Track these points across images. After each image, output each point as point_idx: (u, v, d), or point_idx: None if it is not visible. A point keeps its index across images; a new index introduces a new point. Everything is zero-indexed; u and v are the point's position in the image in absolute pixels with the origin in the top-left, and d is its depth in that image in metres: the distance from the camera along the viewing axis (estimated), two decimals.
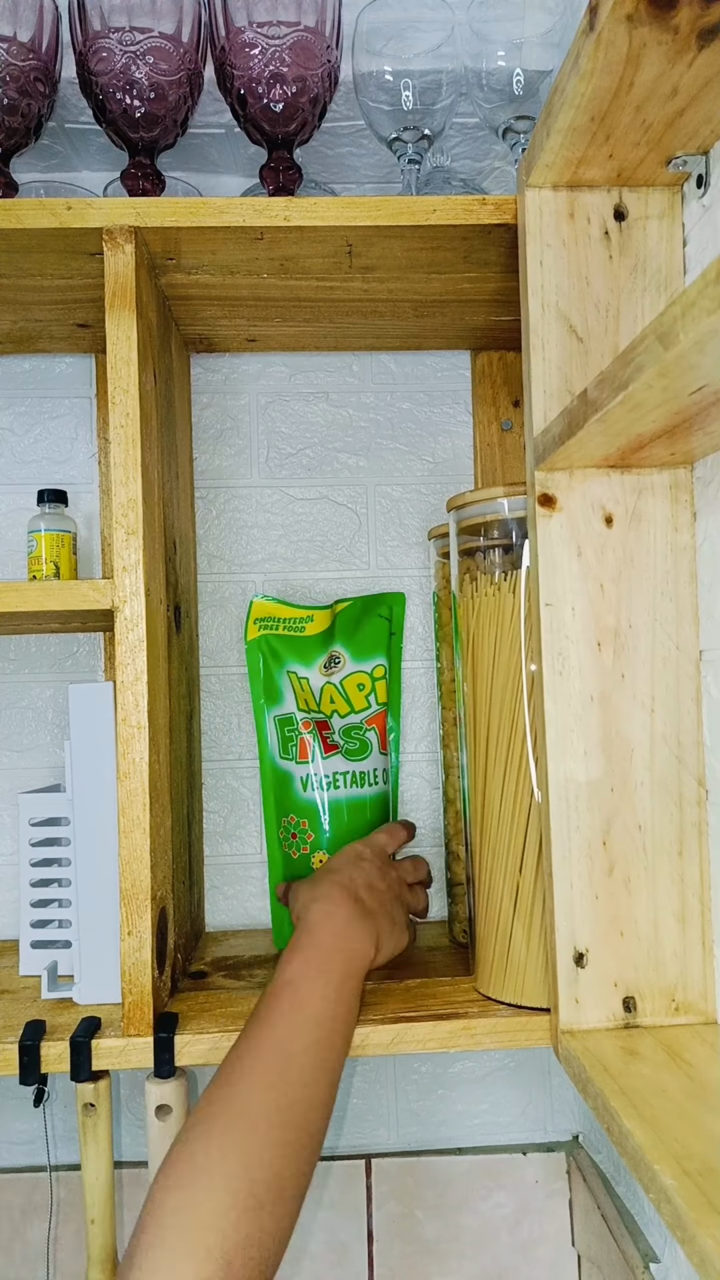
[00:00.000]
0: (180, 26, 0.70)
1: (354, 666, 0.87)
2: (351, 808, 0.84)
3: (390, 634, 0.90)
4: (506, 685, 0.68)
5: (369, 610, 0.89)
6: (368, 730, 0.86)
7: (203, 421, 0.94)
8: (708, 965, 0.62)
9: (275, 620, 0.87)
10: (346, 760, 0.84)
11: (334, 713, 0.86)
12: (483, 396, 0.94)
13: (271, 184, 0.73)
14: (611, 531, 0.63)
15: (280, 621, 0.87)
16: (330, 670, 0.87)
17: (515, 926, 0.68)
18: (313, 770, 0.84)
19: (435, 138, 0.75)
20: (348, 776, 0.84)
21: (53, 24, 0.72)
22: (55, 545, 0.82)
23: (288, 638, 0.87)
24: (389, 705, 0.88)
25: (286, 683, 0.86)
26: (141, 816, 0.66)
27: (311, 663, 0.87)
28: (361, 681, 0.87)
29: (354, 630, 0.88)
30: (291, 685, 0.86)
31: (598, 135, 0.58)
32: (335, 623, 0.88)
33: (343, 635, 0.88)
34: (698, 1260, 0.41)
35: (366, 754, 0.85)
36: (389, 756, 0.88)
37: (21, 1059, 0.64)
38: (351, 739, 0.85)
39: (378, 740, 0.86)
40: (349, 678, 0.87)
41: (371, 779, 0.85)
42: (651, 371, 0.42)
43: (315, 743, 0.84)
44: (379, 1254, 0.90)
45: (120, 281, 0.67)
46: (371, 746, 0.85)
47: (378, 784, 0.85)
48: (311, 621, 0.88)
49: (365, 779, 0.84)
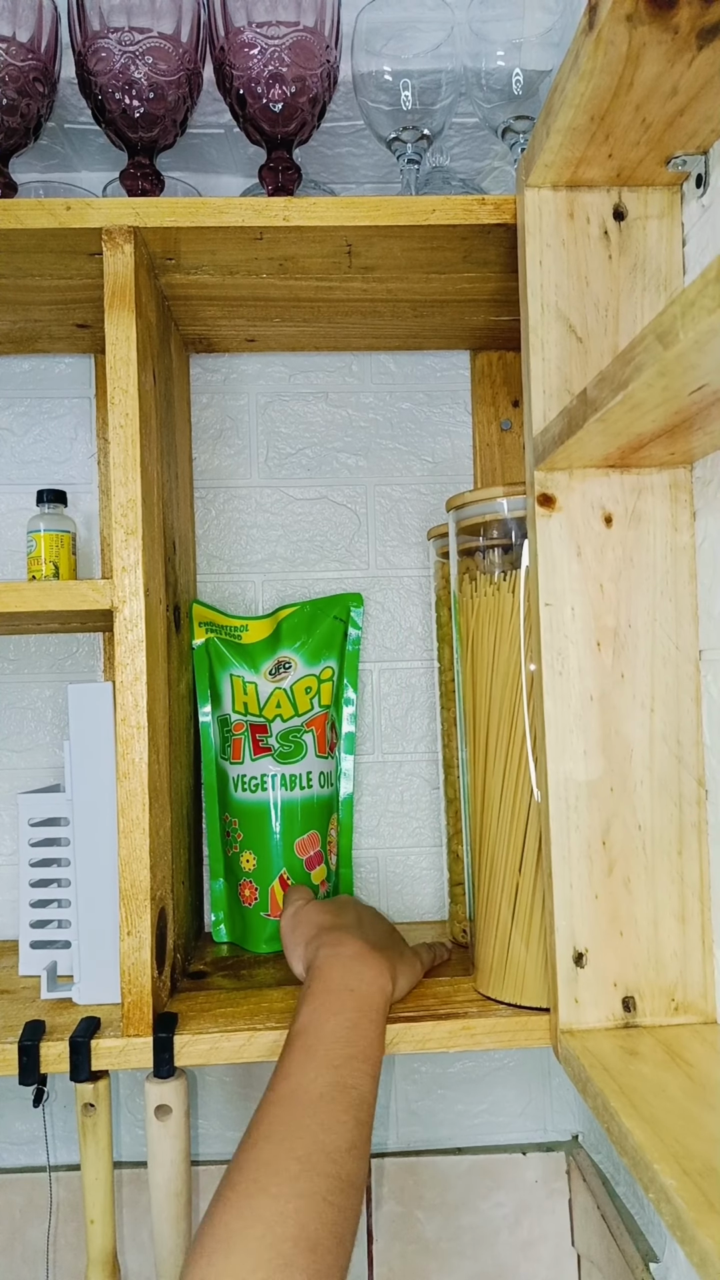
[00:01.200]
0: (179, 26, 0.70)
1: (304, 670, 0.87)
2: (286, 810, 0.83)
3: (344, 635, 0.89)
4: (506, 685, 0.68)
5: (321, 613, 0.89)
6: (305, 733, 0.85)
7: (202, 422, 0.94)
8: (707, 965, 0.62)
9: (217, 626, 0.88)
10: (277, 763, 0.83)
11: (276, 717, 0.85)
12: (482, 396, 0.94)
13: (271, 184, 0.73)
14: (611, 531, 0.63)
15: (221, 628, 0.88)
16: (278, 676, 0.86)
17: (515, 926, 0.68)
18: (244, 771, 0.84)
19: (434, 138, 0.75)
20: (276, 779, 0.83)
21: (52, 24, 0.72)
22: (54, 545, 0.82)
23: (230, 643, 0.87)
24: (333, 706, 0.87)
25: (229, 685, 0.86)
26: (141, 817, 0.66)
27: (257, 668, 0.87)
28: (309, 684, 0.87)
29: (306, 635, 0.88)
30: (233, 687, 0.86)
31: (597, 135, 0.58)
32: (280, 629, 0.88)
33: (290, 640, 0.88)
34: (697, 1260, 0.41)
35: (300, 756, 0.84)
36: (333, 759, 0.87)
37: (21, 1059, 0.64)
38: (287, 742, 0.84)
39: (314, 742, 0.85)
40: (299, 682, 0.87)
41: (305, 782, 0.84)
42: (651, 371, 0.42)
43: (247, 744, 0.84)
44: (379, 1253, 0.90)
45: (119, 281, 0.67)
46: (307, 749, 0.84)
47: (312, 787, 0.84)
48: (247, 631, 0.88)
49: (296, 782, 0.83)
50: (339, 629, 0.89)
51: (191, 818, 0.85)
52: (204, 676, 0.86)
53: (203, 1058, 0.66)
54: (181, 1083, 0.68)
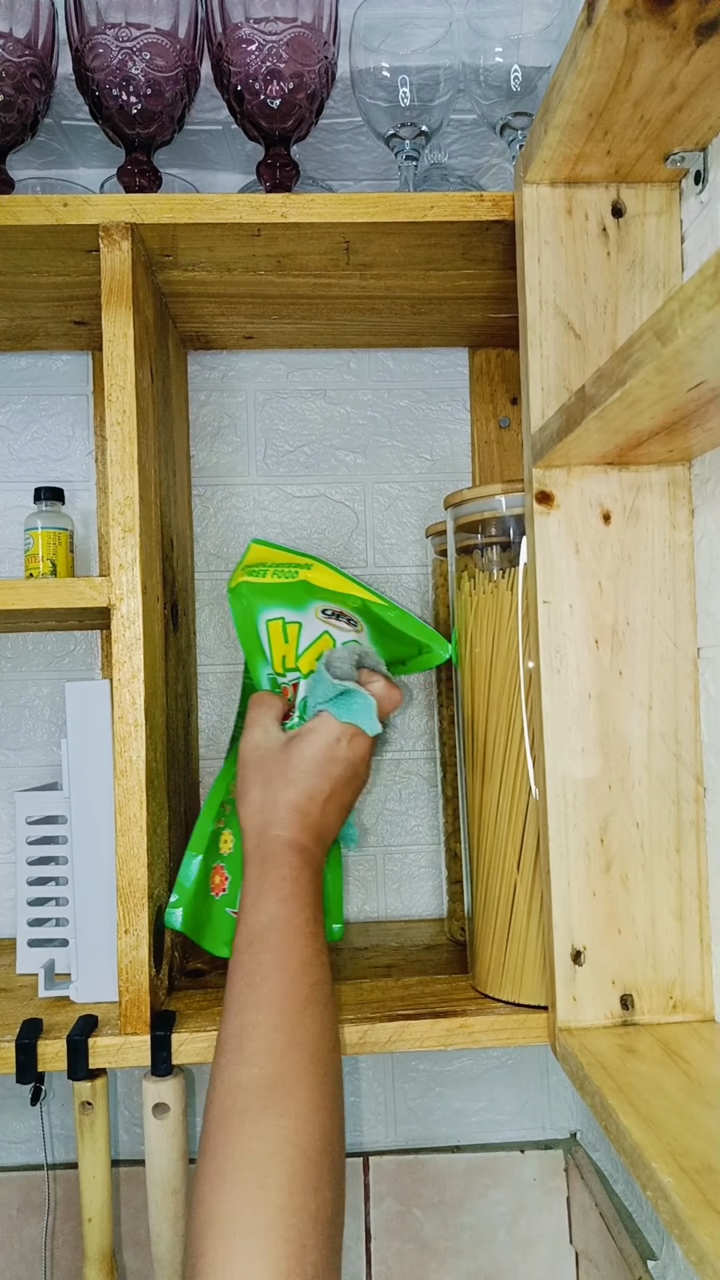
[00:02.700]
0: (177, 22, 0.70)
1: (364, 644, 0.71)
2: None
3: (403, 661, 0.76)
4: (504, 683, 0.68)
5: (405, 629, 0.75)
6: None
7: (200, 419, 0.94)
8: (705, 963, 0.62)
9: (263, 567, 0.74)
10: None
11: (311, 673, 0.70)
12: (480, 394, 0.94)
13: (269, 180, 0.73)
14: (609, 529, 0.63)
15: (271, 567, 0.74)
16: (333, 620, 0.71)
17: (513, 924, 0.68)
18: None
19: (433, 134, 0.75)
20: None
21: (49, 20, 0.72)
22: (52, 543, 0.82)
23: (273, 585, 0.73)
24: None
25: (265, 633, 0.72)
26: (138, 814, 0.66)
27: (304, 605, 0.72)
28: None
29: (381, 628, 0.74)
30: (270, 636, 0.72)
31: (595, 131, 0.58)
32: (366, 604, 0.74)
33: (367, 617, 0.74)
34: (695, 1258, 0.41)
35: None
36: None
37: (18, 1057, 0.64)
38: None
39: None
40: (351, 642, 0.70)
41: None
42: (649, 368, 0.42)
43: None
44: (376, 1252, 0.90)
45: (117, 278, 0.67)
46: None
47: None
48: (310, 570, 0.74)
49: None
50: (412, 648, 0.76)
51: (187, 816, 0.85)
52: (246, 626, 0.72)
53: (201, 1056, 0.65)
54: (179, 1081, 0.68)
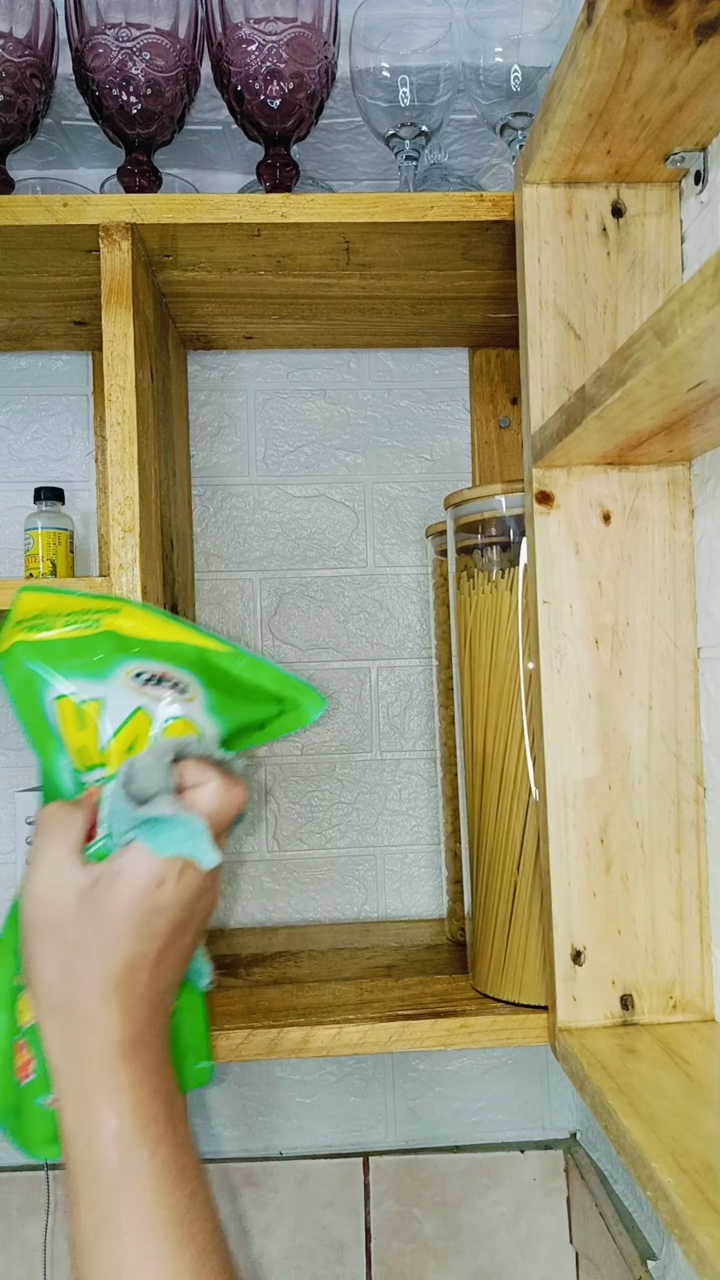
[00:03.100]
0: (177, 22, 0.70)
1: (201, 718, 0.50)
2: None
3: (261, 725, 0.54)
4: (504, 683, 0.68)
5: (262, 683, 0.53)
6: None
7: (200, 419, 0.94)
8: (705, 963, 0.62)
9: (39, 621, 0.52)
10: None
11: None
12: (480, 394, 0.94)
13: (269, 181, 0.73)
14: (609, 529, 0.63)
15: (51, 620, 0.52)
16: (154, 685, 0.50)
17: (513, 924, 0.68)
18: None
19: (433, 134, 0.75)
20: None
21: (49, 20, 0.72)
22: (52, 543, 0.82)
23: (60, 641, 0.51)
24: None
25: (55, 713, 0.51)
26: None
27: (107, 672, 0.50)
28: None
29: (226, 684, 0.53)
30: (60, 715, 0.51)
31: (595, 131, 0.58)
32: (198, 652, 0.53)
33: (202, 672, 0.52)
34: (695, 1258, 0.41)
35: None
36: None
37: None
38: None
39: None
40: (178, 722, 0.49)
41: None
42: (649, 368, 0.42)
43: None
44: (376, 1251, 0.90)
45: (117, 278, 0.67)
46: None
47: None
48: (117, 615, 0.52)
49: None
50: (268, 711, 0.54)
51: None
52: (27, 706, 0.51)
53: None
54: None
